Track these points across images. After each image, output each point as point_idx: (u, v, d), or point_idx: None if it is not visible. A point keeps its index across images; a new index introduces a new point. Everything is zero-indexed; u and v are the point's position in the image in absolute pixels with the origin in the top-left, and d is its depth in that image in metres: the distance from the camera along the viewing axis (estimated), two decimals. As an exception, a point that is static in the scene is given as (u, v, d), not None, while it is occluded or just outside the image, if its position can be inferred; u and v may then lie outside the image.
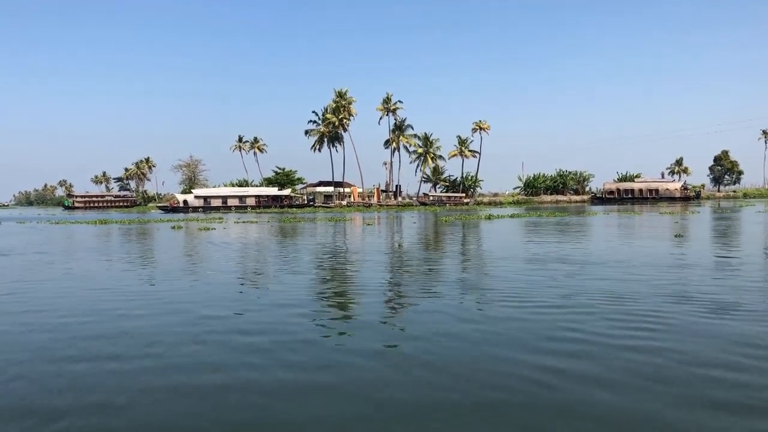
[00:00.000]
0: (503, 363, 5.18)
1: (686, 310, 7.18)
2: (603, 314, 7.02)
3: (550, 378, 4.73)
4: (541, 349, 5.56)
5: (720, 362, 5.08)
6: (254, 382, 4.79)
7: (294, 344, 5.95)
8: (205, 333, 6.50)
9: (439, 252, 16.56)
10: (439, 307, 7.78)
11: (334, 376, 4.92)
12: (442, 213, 53.52)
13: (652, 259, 12.82)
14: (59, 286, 10.56)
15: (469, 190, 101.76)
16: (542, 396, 4.38)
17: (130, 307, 8.15)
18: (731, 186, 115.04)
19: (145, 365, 5.32)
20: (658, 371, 4.85)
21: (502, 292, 8.83)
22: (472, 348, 5.71)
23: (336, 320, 7.23)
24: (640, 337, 5.93)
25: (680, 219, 32.74)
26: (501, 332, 6.29)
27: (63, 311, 8.04)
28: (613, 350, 5.50)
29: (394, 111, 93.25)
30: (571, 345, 5.70)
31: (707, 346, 5.58)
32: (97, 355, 5.69)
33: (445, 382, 4.72)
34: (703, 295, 8.18)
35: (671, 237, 19.60)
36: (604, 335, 6.03)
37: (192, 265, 14.17)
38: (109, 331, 6.65)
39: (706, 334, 6.05)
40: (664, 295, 8.21)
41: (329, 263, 13.94)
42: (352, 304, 8.54)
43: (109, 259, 15.40)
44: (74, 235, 28.50)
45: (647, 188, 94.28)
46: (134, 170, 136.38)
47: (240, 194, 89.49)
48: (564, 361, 5.18)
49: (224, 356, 5.55)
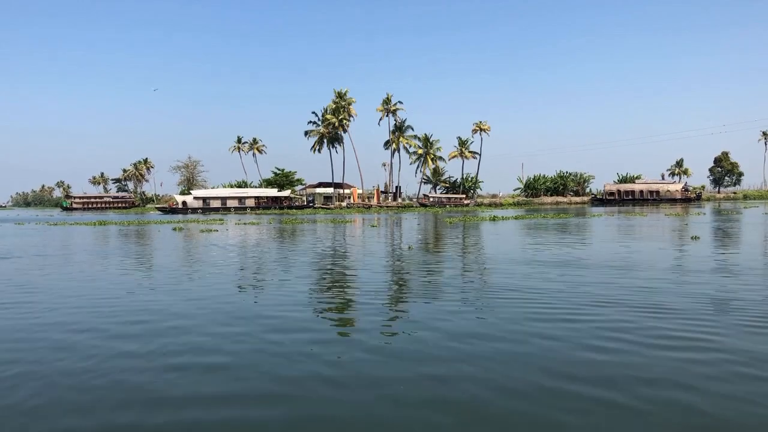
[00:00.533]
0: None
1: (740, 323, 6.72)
2: (646, 331, 6.56)
3: (584, 416, 4.28)
4: (576, 376, 5.10)
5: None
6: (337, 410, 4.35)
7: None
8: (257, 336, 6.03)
9: (454, 255, 16.08)
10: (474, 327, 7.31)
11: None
12: (443, 214, 53.08)
13: (679, 263, 12.38)
14: (87, 299, 10.07)
15: (469, 192, 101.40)
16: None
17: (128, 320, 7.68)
18: (731, 187, 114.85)
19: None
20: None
21: (530, 301, 8.35)
22: (505, 373, 5.25)
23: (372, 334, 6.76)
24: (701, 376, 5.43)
25: (688, 220, 32.40)
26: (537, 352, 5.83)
27: (107, 325, 7.56)
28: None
29: (394, 112, 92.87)
30: (605, 370, 5.22)
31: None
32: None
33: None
34: (750, 304, 7.71)
35: (688, 239, 19.19)
36: (646, 352, 5.57)
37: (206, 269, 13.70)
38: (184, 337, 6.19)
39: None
40: (707, 304, 7.76)
41: (341, 267, 13.47)
42: (377, 316, 8.06)
43: (125, 267, 14.89)
44: (75, 237, 27.98)
45: (648, 190, 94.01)
46: (132, 171, 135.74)
47: (239, 195, 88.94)
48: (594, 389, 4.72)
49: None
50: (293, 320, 7.30)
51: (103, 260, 15.66)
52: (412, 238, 23.73)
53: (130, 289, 10.34)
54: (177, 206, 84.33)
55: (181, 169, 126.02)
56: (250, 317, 7.52)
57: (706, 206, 65.42)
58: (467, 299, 8.55)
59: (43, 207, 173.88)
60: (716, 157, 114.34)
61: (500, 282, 10.10)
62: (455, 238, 22.74)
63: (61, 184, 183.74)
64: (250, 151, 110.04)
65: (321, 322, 7.27)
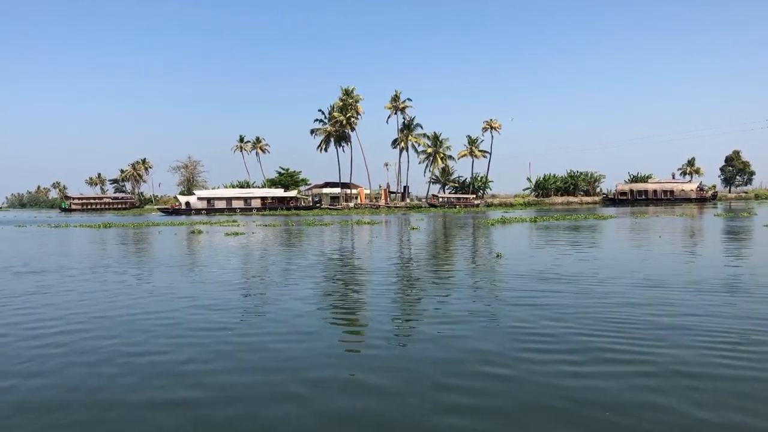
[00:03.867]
0: None
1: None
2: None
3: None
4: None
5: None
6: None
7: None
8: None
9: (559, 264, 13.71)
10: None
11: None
12: (466, 215, 50.75)
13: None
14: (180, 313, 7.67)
15: (479, 192, 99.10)
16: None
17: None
18: (742, 187, 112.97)
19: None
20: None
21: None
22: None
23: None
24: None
25: (719, 221, 30.67)
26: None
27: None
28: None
29: (403, 109, 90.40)
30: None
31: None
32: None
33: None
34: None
35: (737, 243, 16.94)
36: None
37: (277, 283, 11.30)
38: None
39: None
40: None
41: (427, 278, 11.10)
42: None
43: (194, 279, 12.45)
44: (89, 242, 25.47)
45: (662, 189, 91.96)
46: (130, 171, 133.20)
47: (245, 196, 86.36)
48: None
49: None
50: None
51: (153, 272, 13.22)
52: (477, 242, 21.35)
53: (233, 306, 8.13)
54: (180, 207, 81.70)
55: (181, 170, 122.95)
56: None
57: (719, 206, 63.52)
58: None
59: (39, 208, 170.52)
60: (727, 156, 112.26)
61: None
62: (528, 242, 20.39)
63: (57, 185, 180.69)
64: (253, 150, 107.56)
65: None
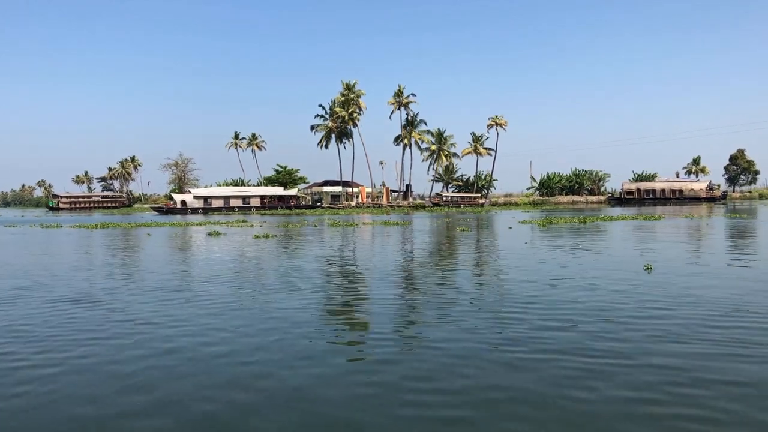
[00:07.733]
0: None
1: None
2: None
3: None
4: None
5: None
6: None
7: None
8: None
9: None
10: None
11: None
12: (483, 214, 47.95)
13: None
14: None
15: (483, 191, 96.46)
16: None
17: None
18: (746, 186, 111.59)
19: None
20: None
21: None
22: None
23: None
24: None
25: (741, 221, 28.70)
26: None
27: None
28: None
29: (407, 105, 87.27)
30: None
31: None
32: None
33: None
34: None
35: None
36: None
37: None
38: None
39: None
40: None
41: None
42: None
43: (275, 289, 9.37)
44: (93, 245, 22.20)
45: (670, 188, 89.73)
46: (119, 170, 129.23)
47: (243, 194, 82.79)
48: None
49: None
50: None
51: (203, 285, 10.13)
52: (597, 246, 18.44)
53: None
54: (174, 206, 77.98)
55: (172, 168, 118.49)
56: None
57: (728, 205, 61.60)
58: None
59: (24, 207, 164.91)
60: (732, 155, 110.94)
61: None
62: (581, 242, 17.52)
63: (42, 184, 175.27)
64: (249, 147, 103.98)
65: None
